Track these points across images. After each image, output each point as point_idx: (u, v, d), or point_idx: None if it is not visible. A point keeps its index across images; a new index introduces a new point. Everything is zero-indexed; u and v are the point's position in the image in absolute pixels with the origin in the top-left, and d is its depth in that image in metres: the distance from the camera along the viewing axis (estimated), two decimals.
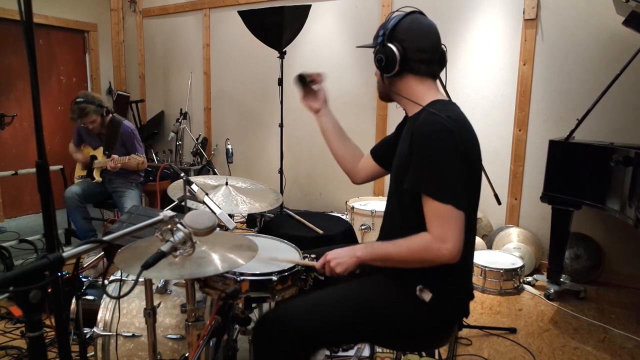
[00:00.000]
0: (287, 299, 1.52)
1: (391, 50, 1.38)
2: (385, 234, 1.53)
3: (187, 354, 1.49)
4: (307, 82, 1.75)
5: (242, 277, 1.44)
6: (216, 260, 1.25)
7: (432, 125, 1.31)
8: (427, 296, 1.35)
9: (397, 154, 1.50)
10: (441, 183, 1.28)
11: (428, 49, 1.42)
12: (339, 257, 1.40)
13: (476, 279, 3.20)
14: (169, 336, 1.67)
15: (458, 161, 1.28)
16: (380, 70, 1.44)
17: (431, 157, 1.29)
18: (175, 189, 2.01)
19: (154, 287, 1.70)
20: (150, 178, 3.95)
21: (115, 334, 1.66)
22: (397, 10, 1.46)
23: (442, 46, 1.45)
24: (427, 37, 1.42)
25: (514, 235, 3.56)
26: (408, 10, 1.45)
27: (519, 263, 3.24)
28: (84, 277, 2.37)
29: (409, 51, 1.38)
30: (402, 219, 1.44)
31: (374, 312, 1.39)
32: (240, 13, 3.66)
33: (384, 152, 1.69)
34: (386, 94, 1.53)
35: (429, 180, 1.29)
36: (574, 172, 2.81)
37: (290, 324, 1.35)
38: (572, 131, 2.86)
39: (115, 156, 3.25)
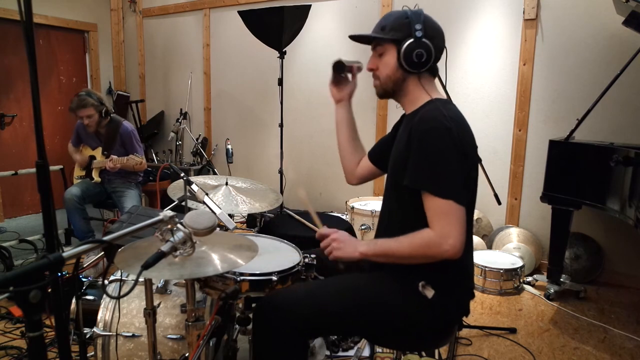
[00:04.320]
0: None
1: (429, 47, 1.37)
2: (383, 232, 1.53)
3: (187, 354, 1.49)
4: (343, 70, 1.71)
5: (242, 277, 1.44)
6: (216, 260, 1.25)
7: (430, 122, 1.31)
8: (429, 293, 1.35)
9: (395, 151, 1.50)
10: (441, 179, 1.28)
11: (443, 49, 1.44)
12: (344, 243, 1.40)
13: (476, 279, 3.20)
14: (169, 336, 1.67)
15: (456, 158, 1.29)
16: (411, 65, 1.39)
17: (430, 154, 1.30)
18: (175, 189, 2.01)
19: (154, 287, 1.70)
20: (150, 178, 3.95)
21: (115, 334, 1.66)
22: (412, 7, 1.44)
23: None
24: (443, 37, 1.44)
25: (514, 235, 3.56)
26: (416, 7, 1.44)
27: (519, 263, 3.23)
28: (84, 277, 2.37)
29: (436, 50, 1.39)
30: (401, 215, 1.44)
31: (374, 306, 1.39)
32: (240, 13, 3.66)
33: (380, 153, 1.69)
34: (394, 91, 1.47)
35: (429, 177, 1.30)
36: (574, 172, 2.81)
37: (290, 309, 1.36)
38: (572, 131, 2.86)
39: (114, 156, 3.25)
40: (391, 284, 1.41)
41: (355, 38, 1.51)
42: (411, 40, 1.37)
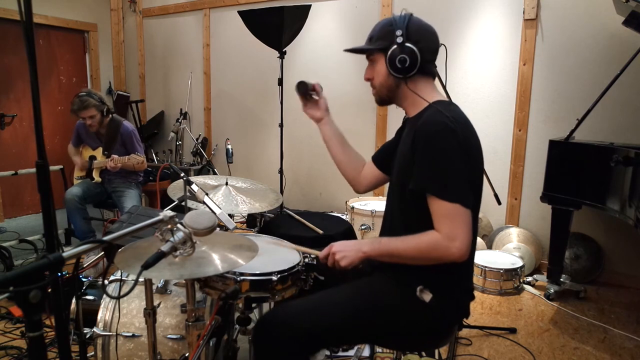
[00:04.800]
0: (287, 299, 1.52)
1: (412, 51, 1.37)
2: (387, 234, 1.53)
3: (187, 354, 1.49)
4: (308, 91, 1.73)
5: (242, 277, 1.44)
6: (216, 260, 1.25)
7: (434, 125, 1.31)
8: (427, 297, 1.35)
9: (399, 155, 1.50)
10: (447, 182, 1.28)
11: (436, 50, 1.44)
12: (345, 251, 1.39)
13: (476, 279, 3.20)
14: (169, 336, 1.67)
15: (461, 160, 1.29)
16: (397, 71, 1.40)
17: (435, 157, 1.29)
18: (175, 189, 2.01)
19: (154, 287, 1.70)
20: (150, 178, 3.95)
21: (115, 334, 1.66)
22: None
23: (443, 45, 1.47)
24: (435, 38, 1.44)
25: (514, 235, 3.56)
26: (404, 11, 1.44)
27: (519, 263, 3.23)
28: (84, 277, 2.37)
29: (424, 52, 1.39)
30: (403, 219, 1.44)
31: (374, 313, 1.39)
32: (240, 13, 3.66)
33: (385, 158, 1.68)
34: (389, 97, 1.49)
35: (435, 180, 1.29)
36: (574, 172, 2.81)
37: (291, 325, 1.35)
38: (572, 131, 2.86)
39: (115, 156, 3.25)
40: (390, 288, 1.41)
41: (349, 51, 1.53)
42: (394, 47, 1.38)
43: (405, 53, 1.37)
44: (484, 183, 1.46)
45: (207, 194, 1.71)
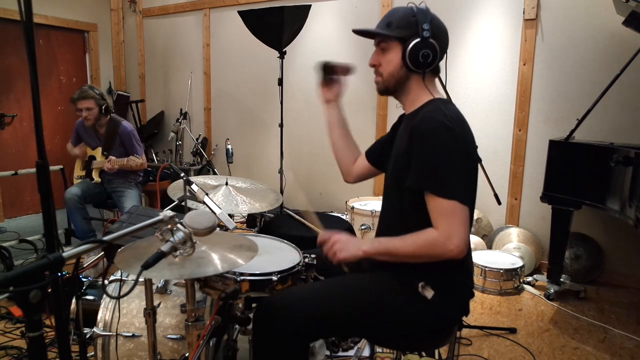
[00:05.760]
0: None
1: (435, 47, 1.37)
2: (384, 232, 1.53)
3: (187, 354, 1.49)
4: (329, 72, 1.71)
5: (242, 277, 1.44)
6: (216, 260, 1.25)
7: (431, 123, 1.31)
8: (429, 293, 1.35)
9: (395, 152, 1.50)
10: (444, 179, 1.28)
11: (446, 48, 1.44)
12: (345, 245, 1.38)
13: (476, 279, 3.20)
14: (169, 336, 1.67)
15: (459, 157, 1.29)
16: (417, 65, 1.37)
17: (432, 154, 1.29)
18: (175, 189, 2.01)
19: (154, 287, 1.70)
20: (150, 178, 3.95)
21: (115, 334, 1.66)
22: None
23: None
24: (447, 37, 1.44)
25: (514, 235, 3.56)
26: (422, 4, 1.43)
27: (519, 263, 3.23)
28: (84, 277, 2.37)
29: (440, 49, 1.39)
30: (401, 217, 1.44)
31: (375, 307, 1.39)
32: (240, 13, 3.66)
33: (378, 153, 1.69)
34: (395, 89, 1.46)
35: (432, 178, 1.29)
36: (574, 172, 2.81)
37: (291, 311, 1.35)
38: (572, 131, 2.86)
39: (113, 157, 3.24)
40: (392, 284, 1.41)
41: (359, 33, 1.48)
42: (418, 39, 1.36)
43: (428, 48, 1.36)
44: (484, 183, 1.46)
45: (207, 194, 1.71)
